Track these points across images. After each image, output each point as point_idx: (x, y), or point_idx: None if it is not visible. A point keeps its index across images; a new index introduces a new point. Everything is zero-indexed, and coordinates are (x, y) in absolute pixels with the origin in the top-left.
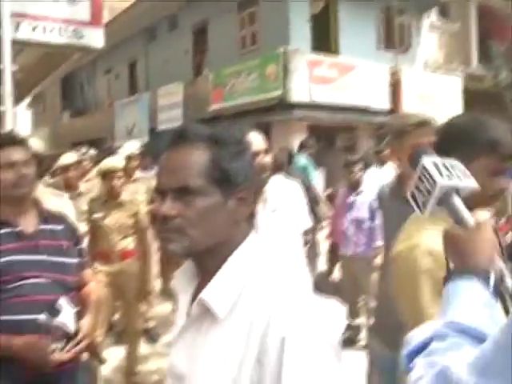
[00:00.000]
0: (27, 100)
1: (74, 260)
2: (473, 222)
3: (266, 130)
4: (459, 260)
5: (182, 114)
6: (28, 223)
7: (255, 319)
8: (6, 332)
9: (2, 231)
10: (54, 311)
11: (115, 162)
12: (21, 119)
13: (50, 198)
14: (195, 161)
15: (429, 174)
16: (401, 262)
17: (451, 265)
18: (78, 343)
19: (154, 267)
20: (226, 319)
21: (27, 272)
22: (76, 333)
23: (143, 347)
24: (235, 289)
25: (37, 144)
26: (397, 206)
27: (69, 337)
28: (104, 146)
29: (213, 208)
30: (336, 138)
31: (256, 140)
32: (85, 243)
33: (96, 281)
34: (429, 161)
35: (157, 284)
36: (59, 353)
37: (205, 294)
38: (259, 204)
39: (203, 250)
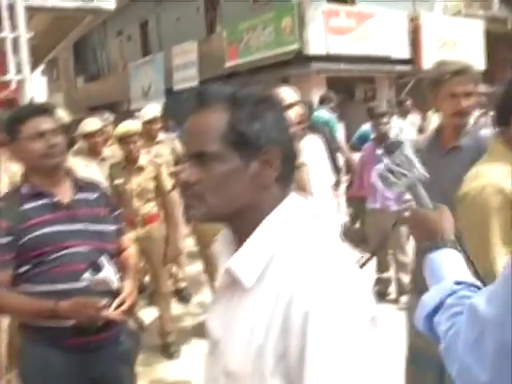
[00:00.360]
0: (41, 67)
1: (112, 227)
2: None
3: (283, 85)
4: (430, 235)
5: (198, 72)
6: (63, 193)
7: (281, 289)
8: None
9: (39, 202)
10: (97, 268)
11: (130, 126)
12: (36, 87)
13: (80, 167)
14: (211, 125)
15: (410, 162)
16: (470, 201)
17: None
18: (121, 304)
19: (182, 228)
20: (254, 288)
21: (68, 242)
22: (118, 293)
23: (176, 307)
24: (263, 257)
25: (62, 113)
26: (437, 158)
27: (113, 295)
28: (121, 109)
29: (231, 173)
30: (355, 90)
31: (288, 93)
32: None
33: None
34: (410, 151)
35: (186, 245)
36: (106, 310)
37: (232, 263)
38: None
39: (225, 215)
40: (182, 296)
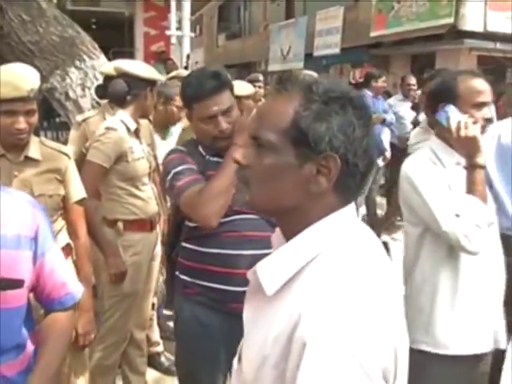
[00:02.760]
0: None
1: None
2: None
3: (429, 61)
4: None
5: (341, 40)
6: None
7: (296, 307)
8: (222, 265)
9: (219, 160)
10: None
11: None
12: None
13: None
14: (276, 112)
15: None
16: None
17: None
18: None
19: None
20: (276, 298)
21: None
22: None
23: None
24: (291, 267)
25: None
26: None
27: None
28: (258, 70)
29: (281, 168)
30: (506, 72)
31: (482, 87)
32: None
33: None
34: None
35: None
36: None
37: (260, 266)
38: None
39: (267, 210)
40: None
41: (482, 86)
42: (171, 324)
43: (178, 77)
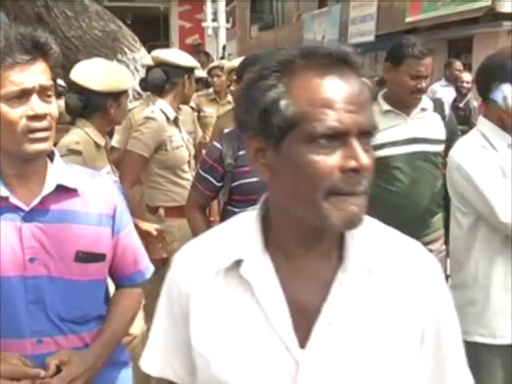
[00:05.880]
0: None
1: None
2: None
3: (466, 45)
4: None
5: (375, 27)
6: None
7: (415, 281)
8: None
9: None
10: None
11: None
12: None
13: None
14: (369, 97)
15: None
16: None
17: None
18: None
19: None
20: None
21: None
22: None
23: None
24: (382, 252)
25: None
26: None
27: None
28: None
29: None
30: None
31: None
32: None
33: None
34: None
35: None
36: None
37: (366, 262)
38: None
39: None
40: None
41: None
42: None
43: (219, 66)
